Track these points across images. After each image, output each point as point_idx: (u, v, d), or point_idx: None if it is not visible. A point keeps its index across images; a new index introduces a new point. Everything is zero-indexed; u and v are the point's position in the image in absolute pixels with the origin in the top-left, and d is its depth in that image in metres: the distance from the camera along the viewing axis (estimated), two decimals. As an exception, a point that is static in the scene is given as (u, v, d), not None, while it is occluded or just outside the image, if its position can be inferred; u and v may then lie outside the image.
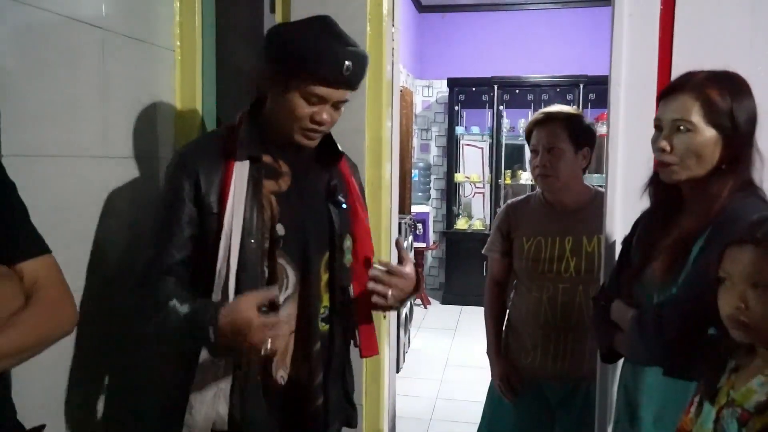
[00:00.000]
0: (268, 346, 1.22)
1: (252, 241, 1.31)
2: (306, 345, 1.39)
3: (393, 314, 2.08)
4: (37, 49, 1.37)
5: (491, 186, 5.93)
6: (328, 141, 1.44)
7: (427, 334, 4.99)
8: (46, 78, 1.40)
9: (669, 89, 1.26)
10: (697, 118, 1.18)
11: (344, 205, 1.45)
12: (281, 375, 1.37)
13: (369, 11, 1.79)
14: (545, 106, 5.59)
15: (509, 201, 2.03)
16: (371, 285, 1.37)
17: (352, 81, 1.31)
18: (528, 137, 1.90)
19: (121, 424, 1.69)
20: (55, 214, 1.43)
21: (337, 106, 1.35)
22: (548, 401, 1.91)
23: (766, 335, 1.00)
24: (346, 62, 1.27)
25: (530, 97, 5.81)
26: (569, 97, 5.62)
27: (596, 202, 1.86)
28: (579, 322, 1.81)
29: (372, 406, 1.96)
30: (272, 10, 2.01)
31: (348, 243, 1.47)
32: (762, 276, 0.97)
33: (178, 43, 1.91)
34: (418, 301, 5.79)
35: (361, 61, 1.31)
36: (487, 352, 2.03)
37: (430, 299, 6.03)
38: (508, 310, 2.03)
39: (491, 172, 5.93)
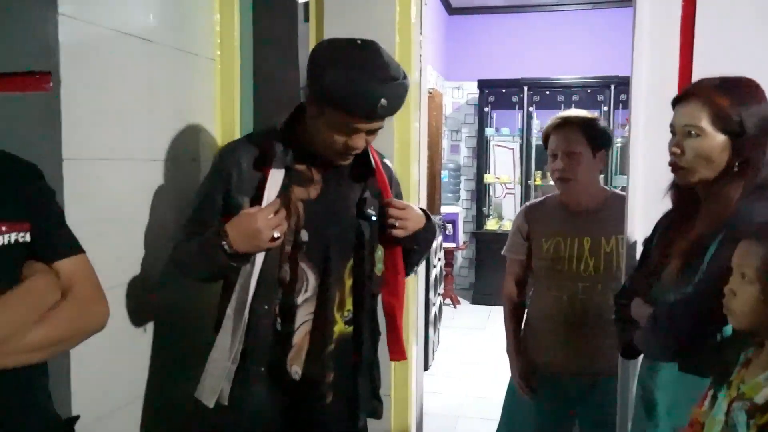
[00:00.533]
0: (276, 233, 1.35)
1: None
2: (320, 345, 1.47)
3: (421, 313, 2.15)
4: (92, 61, 1.50)
5: (522, 187, 5.95)
6: (363, 155, 1.47)
7: (456, 334, 5.05)
8: (100, 87, 1.53)
9: (681, 96, 1.32)
10: (705, 123, 1.24)
11: (374, 218, 1.50)
12: (295, 371, 1.47)
13: (398, 21, 1.87)
14: (576, 108, 5.61)
15: (527, 203, 2.10)
16: (390, 212, 1.46)
17: (387, 114, 1.34)
18: (545, 141, 1.95)
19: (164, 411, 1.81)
20: (106, 211, 1.56)
21: (371, 132, 1.38)
22: (568, 397, 1.95)
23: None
24: (382, 100, 1.27)
25: (561, 98, 5.80)
26: (600, 98, 5.61)
27: (612, 203, 1.93)
28: (598, 319, 1.86)
29: (400, 403, 2.04)
30: (306, 19, 2.11)
31: (379, 253, 1.53)
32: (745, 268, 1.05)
33: (218, 53, 2.03)
34: (448, 300, 5.85)
35: (398, 95, 1.32)
36: (507, 350, 2.08)
37: (460, 299, 6.08)
38: (526, 309, 2.08)
39: (521, 173, 5.95)
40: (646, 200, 1.74)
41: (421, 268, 2.15)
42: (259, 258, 1.41)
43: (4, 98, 1.44)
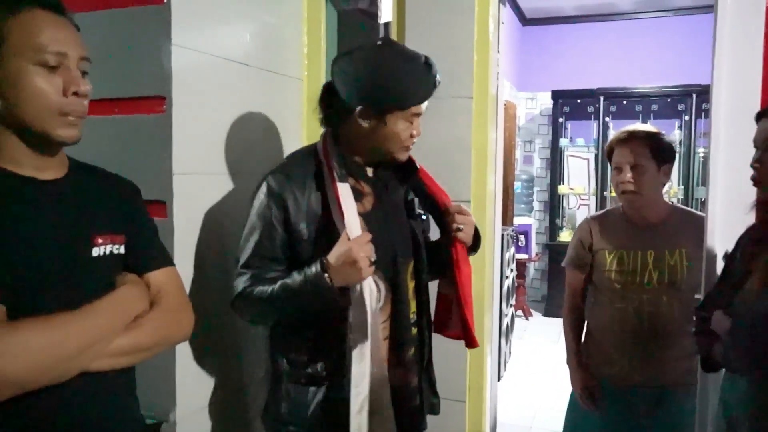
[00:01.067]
0: (372, 257, 1.35)
1: None
2: (400, 350, 1.50)
3: (496, 321, 2.20)
4: (198, 85, 1.66)
5: (596, 198, 5.85)
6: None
7: (528, 345, 5.01)
8: (204, 108, 1.69)
9: (765, 110, 1.32)
10: None
11: (423, 217, 1.58)
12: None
13: (476, 39, 1.95)
14: (655, 118, 5.46)
15: (589, 216, 2.09)
16: (456, 218, 1.50)
17: (434, 90, 1.43)
18: (609, 155, 1.96)
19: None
20: (208, 220, 1.72)
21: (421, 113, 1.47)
22: (634, 409, 1.93)
23: None
24: (437, 76, 1.41)
25: (639, 107, 5.67)
26: (681, 107, 5.44)
27: (674, 217, 1.93)
28: (664, 331, 1.85)
29: (475, 409, 2.08)
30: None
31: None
32: None
33: (305, 73, 2.18)
34: (520, 312, 5.82)
35: (436, 68, 1.42)
36: (567, 362, 2.09)
37: (532, 311, 6.03)
38: (586, 321, 2.07)
39: (596, 184, 5.85)
40: (725, 213, 1.72)
41: (495, 278, 2.20)
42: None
43: (123, 120, 1.62)
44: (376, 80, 1.39)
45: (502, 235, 4.18)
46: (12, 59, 0.97)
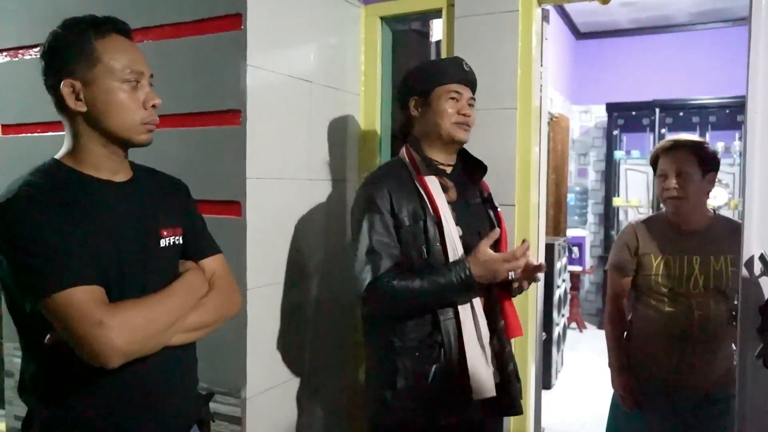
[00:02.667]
0: (512, 275, 1.64)
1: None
2: (492, 322, 1.69)
3: (539, 333, 2.26)
4: (268, 100, 1.87)
5: (653, 210, 5.81)
6: (473, 160, 1.78)
7: (581, 356, 5.02)
8: (273, 121, 1.90)
9: None
10: None
11: (498, 209, 1.79)
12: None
13: (520, 55, 2.09)
14: (713, 129, 5.38)
15: (633, 221, 2.12)
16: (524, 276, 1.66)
17: (471, 79, 1.73)
18: (654, 164, 2.02)
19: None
20: (276, 220, 1.92)
21: (470, 105, 1.72)
22: (678, 412, 1.98)
23: None
24: (464, 62, 1.73)
25: (696, 119, 5.61)
26: (740, 118, 5.36)
27: (718, 224, 1.98)
28: (712, 335, 1.91)
29: (518, 417, 2.16)
30: (438, 55, 2.40)
31: None
32: None
33: (362, 88, 2.37)
34: (574, 324, 5.81)
35: (469, 65, 1.73)
36: (609, 365, 2.12)
37: (587, 324, 6.01)
38: (628, 324, 2.11)
39: (653, 197, 5.81)
40: (762, 217, 1.78)
41: (540, 289, 2.28)
42: (459, 249, 1.62)
43: (205, 131, 1.85)
44: (415, 71, 1.77)
45: (554, 245, 4.26)
46: (104, 78, 1.14)
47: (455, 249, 1.62)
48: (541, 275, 1.68)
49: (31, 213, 1.06)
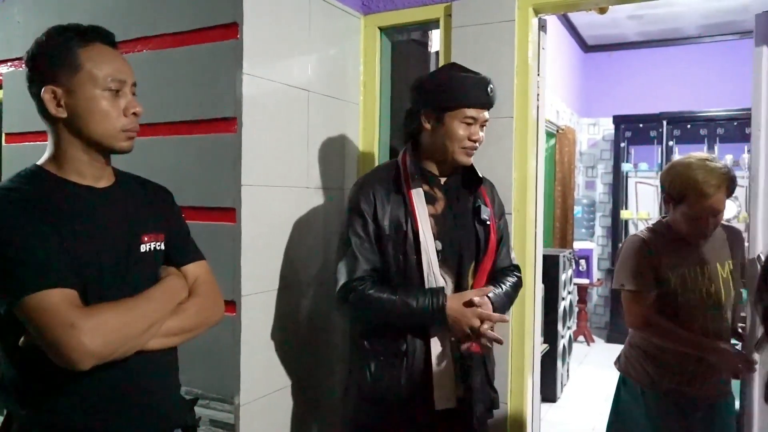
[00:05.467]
0: (478, 327, 1.60)
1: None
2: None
3: (537, 345, 2.25)
4: (265, 109, 1.89)
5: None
6: (471, 170, 1.76)
7: (588, 369, 4.97)
8: (270, 129, 1.91)
9: None
10: None
11: (488, 222, 1.76)
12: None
13: (517, 65, 2.09)
14: (721, 141, 5.35)
15: (638, 236, 2.01)
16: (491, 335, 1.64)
17: (493, 101, 1.69)
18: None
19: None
20: (272, 226, 1.93)
21: (482, 126, 1.70)
22: (690, 421, 1.94)
23: None
24: (490, 86, 1.66)
25: (704, 131, 5.58)
26: (748, 130, 5.29)
27: (717, 231, 1.96)
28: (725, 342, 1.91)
29: (514, 429, 2.15)
30: (437, 65, 2.41)
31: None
32: None
33: (361, 98, 2.39)
34: (581, 337, 5.76)
35: (494, 85, 1.68)
36: (704, 347, 1.90)
37: (594, 337, 5.95)
38: (635, 335, 2.06)
39: (660, 210, 5.77)
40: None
41: (539, 300, 2.25)
42: (435, 266, 1.65)
43: (201, 138, 1.87)
44: (435, 84, 1.70)
45: (559, 256, 4.23)
46: (86, 86, 1.15)
47: (430, 263, 1.63)
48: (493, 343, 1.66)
49: (7, 216, 1.07)
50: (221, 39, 1.82)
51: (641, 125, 5.87)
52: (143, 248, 1.25)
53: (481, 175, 1.77)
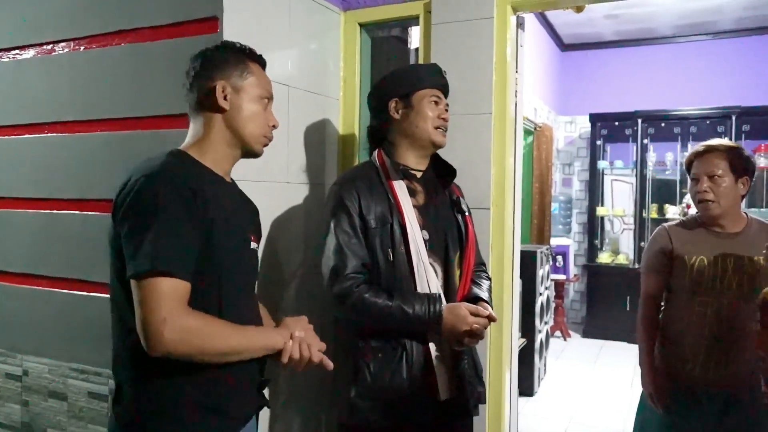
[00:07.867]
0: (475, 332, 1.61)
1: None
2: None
3: (515, 339, 2.28)
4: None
5: (635, 220, 5.87)
6: (444, 163, 1.81)
7: (565, 364, 5.04)
8: (250, 124, 1.91)
9: None
10: None
11: (467, 212, 1.80)
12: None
13: (495, 62, 2.12)
14: (694, 139, 5.47)
15: (665, 224, 2.13)
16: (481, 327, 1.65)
17: (447, 86, 1.80)
18: (688, 168, 2.05)
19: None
20: (252, 223, 1.93)
21: (446, 109, 1.76)
22: (705, 412, 1.99)
23: None
24: (441, 70, 1.79)
25: (677, 129, 5.69)
26: (720, 129, 5.44)
27: (752, 226, 2.01)
28: (742, 335, 1.93)
29: (494, 422, 2.17)
30: (416, 61, 2.42)
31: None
32: None
33: (341, 94, 2.39)
34: (558, 333, 5.84)
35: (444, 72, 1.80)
36: (640, 363, 2.12)
37: (571, 332, 6.04)
38: (660, 325, 2.12)
39: (635, 207, 5.88)
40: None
41: (517, 295, 2.29)
42: (425, 256, 1.65)
43: (180, 132, 1.85)
44: (395, 75, 1.80)
45: (536, 252, 4.29)
46: (251, 90, 1.36)
47: (419, 253, 1.65)
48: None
49: (165, 191, 1.17)
50: (200, 33, 1.81)
51: (617, 123, 5.96)
52: (252, 245, 1.41)
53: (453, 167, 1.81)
